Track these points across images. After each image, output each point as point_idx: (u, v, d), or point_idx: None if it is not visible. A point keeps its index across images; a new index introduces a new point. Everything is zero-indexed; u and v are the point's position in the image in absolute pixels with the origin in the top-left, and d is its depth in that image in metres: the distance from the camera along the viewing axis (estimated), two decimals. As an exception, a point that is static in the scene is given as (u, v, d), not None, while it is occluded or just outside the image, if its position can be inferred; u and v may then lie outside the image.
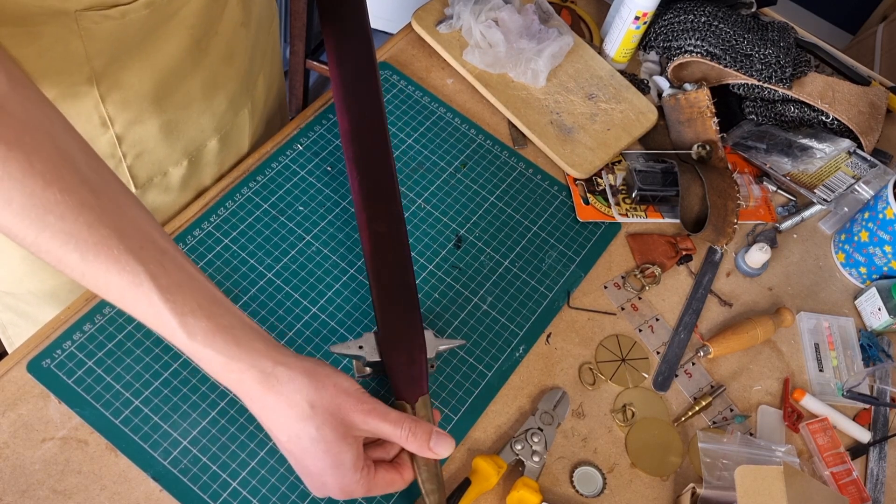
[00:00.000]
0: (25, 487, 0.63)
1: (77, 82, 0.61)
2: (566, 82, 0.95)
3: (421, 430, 0.58)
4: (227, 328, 0.52)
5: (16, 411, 0.66)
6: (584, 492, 0.70)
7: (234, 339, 0.52)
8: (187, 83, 0.70)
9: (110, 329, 0.70)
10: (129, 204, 0.52)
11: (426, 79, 0.94)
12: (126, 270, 0.49)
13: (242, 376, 0.53)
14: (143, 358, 0.69)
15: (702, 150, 0.91)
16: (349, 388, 0.56)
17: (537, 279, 0.81)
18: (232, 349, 0.52)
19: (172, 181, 0.78)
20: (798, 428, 0.77)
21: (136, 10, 0.58)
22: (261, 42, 0.81)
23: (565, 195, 0.88)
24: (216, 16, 0.68)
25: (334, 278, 0.77)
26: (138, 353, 0.69)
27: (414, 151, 0.88)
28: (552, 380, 0.76)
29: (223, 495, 0.65)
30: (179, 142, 0.75)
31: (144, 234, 0.51)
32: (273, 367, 0.53)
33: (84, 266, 0.48)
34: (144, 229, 0.51)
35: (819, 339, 0.84)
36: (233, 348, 0.52)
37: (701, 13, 0.95)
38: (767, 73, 0.92)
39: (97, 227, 0.48)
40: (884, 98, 0.97)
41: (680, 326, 0.82)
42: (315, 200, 0.82)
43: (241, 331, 0.53)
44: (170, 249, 0.52)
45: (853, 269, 0.89)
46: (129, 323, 0.71)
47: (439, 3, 0.98)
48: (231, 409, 0.68)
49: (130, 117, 0.68)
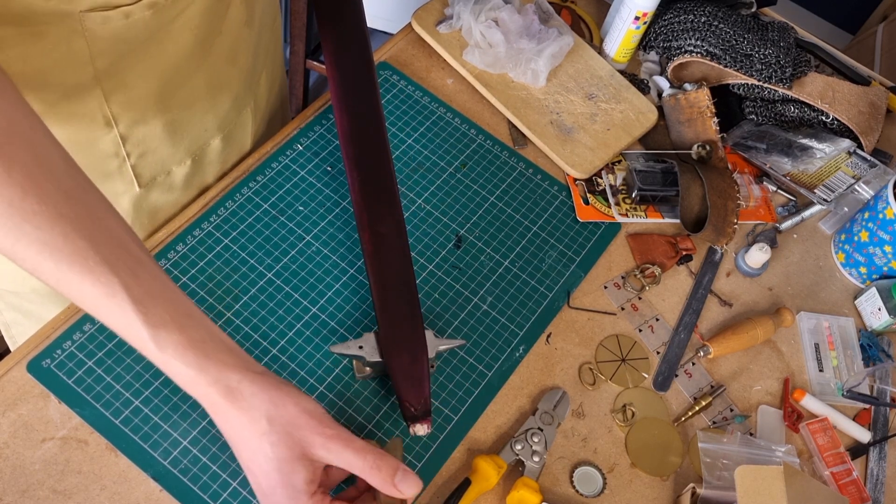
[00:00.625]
0: (25, 487, 0.63)
1: (81, 82, 0.62)
2: (566, 82, 0.95)
3: (386, 465, 0.55)
4: (197, 342, 0.52)
5: (16, 411, 0.66)
6: (584, 492, 0.70)
7: (203, 352, 0.53)
8: (191, 83, 0.70)
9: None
10: (107, 214, 0.52)
11: (426, 79, 0.94)
12: (100, 281, 0.50)
13: (209, 390, 0.53)
14: (143, 358, 0.69)
15: (702, 150, 0.91)
16: (313, 410, 0.55)
17: (537, 279, 0.81)
18: (201, 362, 0.52)
19: (176, 180, 0.78)
20: (798, 428, 0.77)
21: (140, 10, 0.58)
22: (264, 40, 0.81)
23: (565, 195, 0.88)
24: (220, 16, 0.68)
25: (334, 278, 0.77)
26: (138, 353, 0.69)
27: (414, 151, 0.88)
28: (552, 380, 0.76)
29: (223, 495, 0.65)
30: (183, 141, 0.75)
31: (120, 243, 0.51)
32: (238, 382, 0.53)
33: (59, 275, 0.49)
34: (120, 239, 0.52)
35: (819, 339, 0.84)
36: (202, 361, 0.52)
37: (701, 13, 0.95)
38: (767, 73, 0.92)
39: (73, 238, 0.49)
40: (884, 98, 0.97)
41: (680, 326, 0.82)
42: (315, 200, 0.82)
43: (211, 344, 0.53)
44: (145, 260, 0.53)
45: (853, 269, 0.89)
46: (129, 323, 0.71)
47: (439, 3, 0.98)
48: (231, 409, 0.68)
49: (134, 117, 0.68)
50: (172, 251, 0.76)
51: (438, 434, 0.71)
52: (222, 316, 0.73)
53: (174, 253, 0.76)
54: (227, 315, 0.73)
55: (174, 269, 0.75)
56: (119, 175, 0.72)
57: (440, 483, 0.69)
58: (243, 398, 0.53)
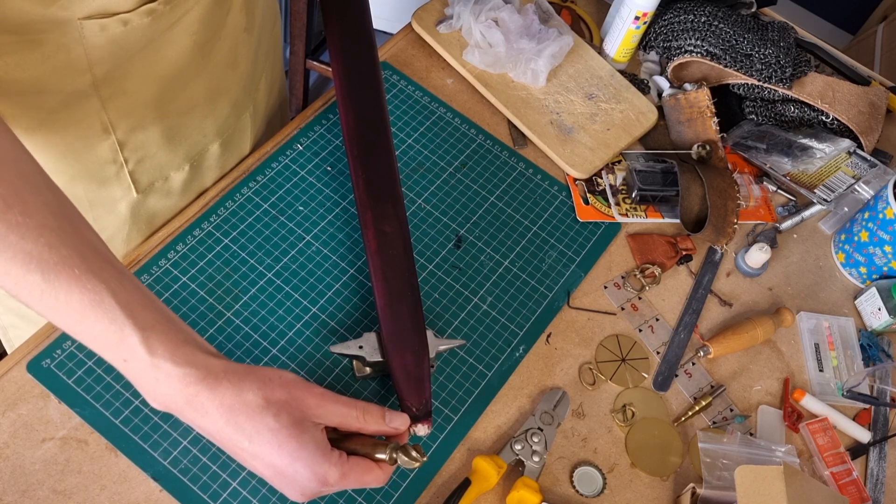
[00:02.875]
0: (25, 487, 0.63)
1: (79, 89, 0.61)
2: (566, 82, 0.95)
3: (374, 408, 0.60)
4: (182, 342, 0.53)
5: (16, 411, 0.66)
6: (584, 492, 0.70)
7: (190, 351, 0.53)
8: (190, 89, 0.70)
9: (110, 329, 0.70)
10: (86, 228, 0.53)
11: (426, 79, 0.94)
12: (87, 289, 0.50)
13: (198, 387, 0.53)
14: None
15: (702, 150, 0.91)
16: (295, 379, 0.57)
17: (537, 279, 0.81)
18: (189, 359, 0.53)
19: (174, 185, 0.78)
20: (798, 428, 0.77)
21: (138, 18, 0.58)
22: (263, 45, 0.81)
23: (565, 195, 0.88)
24: (219, 22, 0.68)
25: (334, 278, 0.77)
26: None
27: (414, 151, 0.88)
28: (552, 380, 0.76)
29: (223, 495, 0.65)
30: (181, 147, 0.75)
31: (102, 255, 0.52)
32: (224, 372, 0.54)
33: (45, 285, 0.49)
34: (101, 251, 0.52)
35: (819, 339, 0.84)
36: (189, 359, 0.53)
37: (701, 13, 0.95)
38: (767, 73, 0.92)
39: (58, 248, 0.49)
40: (884, 98, 0.97)
41: (680, 326, 0.82)
42: (315, 200, 0.82)
43: (192, 346, 0.54)
44: (125, 271, 0.53)
45: (853, 269, 0.89)
46: (129, 323, 0.70)
47: (439, 3, 0.98)
48: (231, 409, 0.68)
49: (132, 123, 0.68)
50: (172, 251, 0.76)
51: (438, 434, 0.71)
52: (222, 316, 0.73)
53: (174, 253, 0.76)
54: (227, 315, 0.73)
55: (174, 269, 0.75)
56: (117, 181, 0.72)
57: (440, 483, 0.69)
58: (231, 384, 0.53)
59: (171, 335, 0.53)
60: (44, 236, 0.49)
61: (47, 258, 0.49)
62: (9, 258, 0.48)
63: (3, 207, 0.48)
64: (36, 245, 0.48)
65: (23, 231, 0.48)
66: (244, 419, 0.54)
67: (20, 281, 0.49)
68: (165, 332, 0.52)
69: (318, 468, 0.55)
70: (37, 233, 0.48)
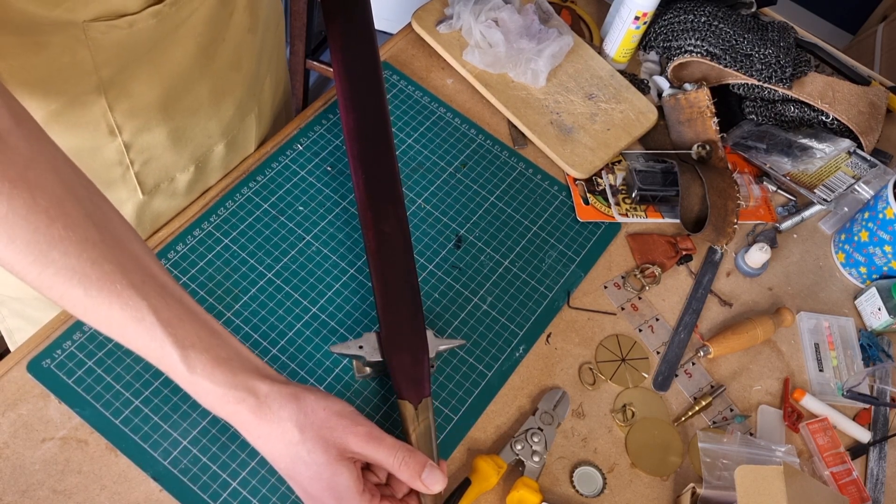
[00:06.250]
0: (25, 487, 0.63)
1: (85, 91, 0.61)
2: (566, 82, 0.95)
3: (414, 461, 0.58)
4: (224, 360, 0.53)
5: (16, 411, 0.66)
6: (584, 492, 0.70)
7: (230, 370, 0.53)
8: (195, 90, 0.70)
9: (110, 329, 0.70)
10: (130, 238, 0.53)
11: (426, 79, 0.94)
12: (129, 305, 0.50)
13: (238, 407, 0.53)
14: (144, 358, 0.69)
15: (702, 150, 0.91)
16: (341, 410, 0.56)
17: (537, 279, 0.81)
18: (229, 380, 0.53)
19: (179, 186, 0.78)
20: (798, 428, 0.77)
21: (144, 19, 0.58)
22: (267, 45, 0.81)
23: (565, 195, 0.88)
24: (223, 23, 0.68)
25: (334, 278, 0.77)
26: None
27: (414, 151, 0.88)
28: (552, 380, 0.76)
29: (223, 495, 0.65)
30: (187, 148, 0.75)
31: (145, 268, 0.52)
32: (265, 396, 0.54)
33: (87, 301, 0.49)
34: (145, 263, 0.52)
35: (819, 339, 0.84)
36: (230, 379, 0.53)
37: (701, 13, 0.95)
38: (767, 73, 0.92)
39: (101, 263, 0.49)
40: (884, 98, 0.97)
41: (680, 326, 0.82)
42: (315, 200, 0.82)
43: (237, 362, 0.54)
44: (169, 283, 0.53)
45: (853, 269, 0.89)
46: (129, 323, 0.70)
47: (439, 3, 0.98)
48: (231, 409, 0.68)
49: (138, 125, 0.68)
50: (172, 251, 0.76)
51: (438, 434, 0.71)
52: (222, 316, 0.73)
53: (174, 253, 0.76)
54: (227, 315, 0.73)
55: (174, 269, 0.75)
56: (123, 183, 0.72)
57: (440, 483, 0.69)
58: (271, 411, 0.54)
59: (213, 352, 0.52)
60: (87, 251, 0.49)
61: (90, 274, 0.49)
62: (51, 274, 0.48)
63: (47, 222, 0.47)
64: (79, 261, 0.48)
65: (66, 247, 0.48)
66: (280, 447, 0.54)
67: (64, 295, 0.49)
68: (207, 349, 0.52)
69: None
70: (80, 248, 0.48)
